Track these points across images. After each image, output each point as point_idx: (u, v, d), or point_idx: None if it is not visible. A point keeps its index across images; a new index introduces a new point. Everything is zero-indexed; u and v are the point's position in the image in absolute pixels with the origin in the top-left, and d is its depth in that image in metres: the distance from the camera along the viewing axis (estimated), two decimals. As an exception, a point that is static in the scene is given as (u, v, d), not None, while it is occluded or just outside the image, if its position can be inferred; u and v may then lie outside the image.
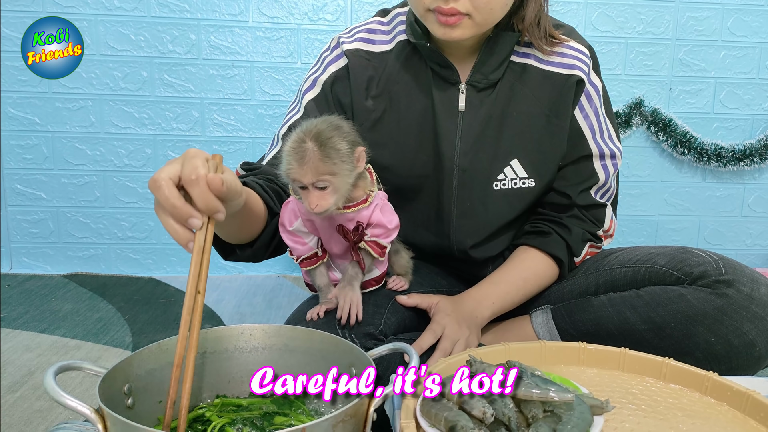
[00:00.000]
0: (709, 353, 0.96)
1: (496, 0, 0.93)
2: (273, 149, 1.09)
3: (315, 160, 0.81)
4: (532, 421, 0.65)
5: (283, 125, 1.10)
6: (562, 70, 1.05)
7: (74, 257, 1.86)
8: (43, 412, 1.07)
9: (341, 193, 0.84)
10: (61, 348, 1.34)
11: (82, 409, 0.60)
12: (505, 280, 1.09)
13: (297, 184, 0.83)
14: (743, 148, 1.90)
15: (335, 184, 0.83)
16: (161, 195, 0.63)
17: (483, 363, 0.72)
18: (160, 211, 0.65)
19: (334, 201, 0.83)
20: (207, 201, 0.64)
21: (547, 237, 1.10)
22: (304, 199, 0.83)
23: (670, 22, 1.84)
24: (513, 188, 1.08)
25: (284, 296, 1.72)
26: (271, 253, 1.01)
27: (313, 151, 0.81)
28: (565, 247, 1.10)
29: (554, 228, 1.10)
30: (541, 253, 1.10)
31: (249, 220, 0.89)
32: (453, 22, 0.94)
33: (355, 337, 0.92)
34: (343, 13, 1.78)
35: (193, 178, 0.63)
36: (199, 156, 0.65)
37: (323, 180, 0.81)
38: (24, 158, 1.79)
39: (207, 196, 0.64)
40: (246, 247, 0.96)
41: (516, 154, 1.07)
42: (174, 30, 1.75)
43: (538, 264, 1.11)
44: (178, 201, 0.63)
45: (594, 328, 1.05)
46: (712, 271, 0.97)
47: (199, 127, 1.80)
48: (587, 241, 1.12)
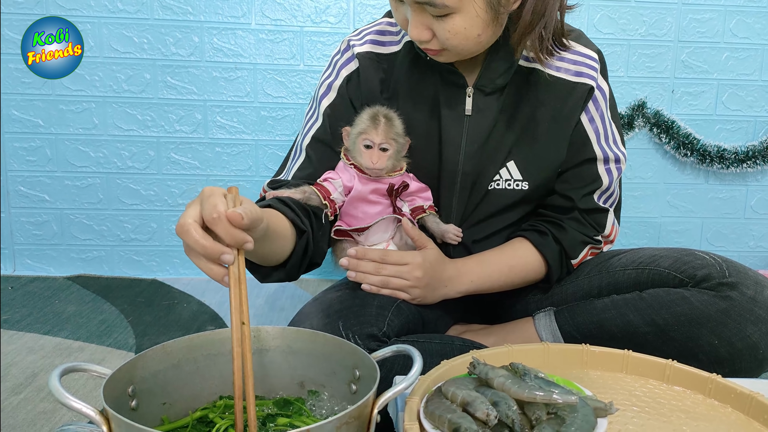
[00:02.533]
0: (713, 356, 0.96)
1: (464, 43, 0.93)
2: (297, 160, 1.10)
3: (386, 127, 1.01)
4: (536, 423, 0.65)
5: (304, 135, 1.11)
6: (571, 77, 1.05)
7: (77, 259, 1.86)
8: (47, 414, 1.07)
9: (393, 160, 1.03)
10: (64, 350, 1.34)
11: (86, 410, 0.60)
12: (493, 262, 1.10)
13: (366, 142, 1.01)
14: (746, 150, 1.89)
15: (392, 150, 1.02)
16: (191, 239, 0.64)
17: (486, 365, 0.72)
18: (191, 254, 0.66)
19: (389, 163, 1.02)
20: (233, 236, 0.65)
21: (544, 237, 1.10)
22: (366, 157, 1.01)
23: (672, 24, 1.84)
24: (506, 189, 1.09)
25: (287, 298, 1.72)
26: (305, 269, 1.02)
27: (384, 122, 1.01)
28: (559, 252, 1.10)
29: (551, 230, 1.11)
30: (534, 249, 1.11)
31: (276, 242, 0.90)
32: (433, 54, 0.98)
33: (358, 338, 0.93)
34: (345, 16, 1.78)
35: (215, 216, 0.65)
36: (215, 194, 0.67)
37: (388, 142, 1.01)
38: (27, 160, 1.79)
39: (231, 231, 0.65)
40: (279, 268, 0.97)
41: (513, 157, 1.07)
42: (177, 32, 1.75)
43: (529, 257, 1.11)
44: (208, 242, 0.65)
45: (597, 330, 1.05)
46: (716, 273, 0.97)
47: (202, 130, 1.81)
48: (586, 243, 1.12)
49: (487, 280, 1.09)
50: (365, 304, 0.99)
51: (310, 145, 1.10)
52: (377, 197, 1.05)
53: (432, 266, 1.05)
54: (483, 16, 0.91)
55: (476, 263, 1.10)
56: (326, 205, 1.03)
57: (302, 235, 0.96)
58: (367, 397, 0.65)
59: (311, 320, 0.97)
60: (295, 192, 1.02)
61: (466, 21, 0.90)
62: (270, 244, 0.88)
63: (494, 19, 0.93)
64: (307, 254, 0.99)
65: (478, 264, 1.10)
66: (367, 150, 1.01)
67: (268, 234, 0.83)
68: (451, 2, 0.88)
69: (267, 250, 0.88)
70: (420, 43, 0.95)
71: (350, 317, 0.96)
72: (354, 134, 1.03)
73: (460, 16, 0.90)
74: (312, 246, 0.99)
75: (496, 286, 1.11)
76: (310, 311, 1.01)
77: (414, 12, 0.91)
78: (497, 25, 0.95)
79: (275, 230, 0.88)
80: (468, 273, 1.08)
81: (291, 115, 1.82)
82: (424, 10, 0.90)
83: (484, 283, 1.09)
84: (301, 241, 0.96)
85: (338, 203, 1.05)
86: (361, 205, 1.05)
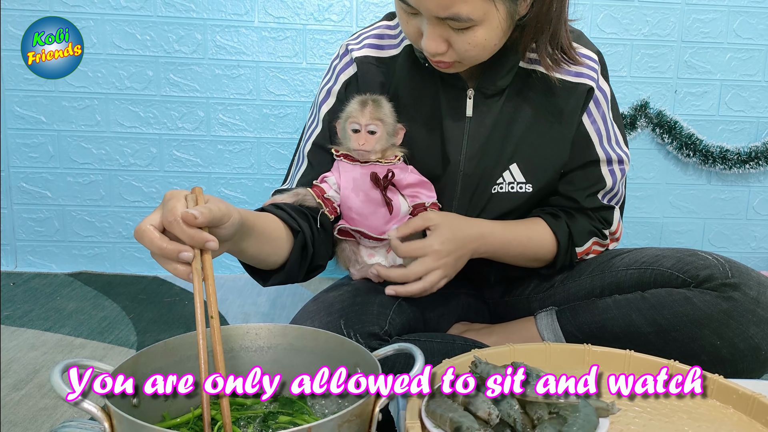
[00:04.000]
0: (715, 357, 0.96)
1: (482, 54, 0.93)
2: (300, 168, 1.10)
3: (372, 109, 1.00)
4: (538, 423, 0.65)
5: (305, 142, 1.11)
6: (571, 78, 1.05)
7: (79, 256, 1.86)
8: (48, 410, 1.07)
9: (382, 143, 1.02)
10: (66, 346, 1.34)
11: (88, 407, 0.60)
12: (515, 231, 1.09)
13: (354, 126, 1.01)
14: (748, 151, 1.89)
15: (380, 132, 1.01)
16: (146, 242, 0.67)
17: (488, 364, 0.72)
18: (154, 256, 0.68)
19: (377, 145, 1.01)
20: (190, 236, 0.66)
21: (557, 219, 1.11)
22: (354, 140, 1.01)
23: (675, 24, 1.84)
24: (510, 192, 1.08)
25: (288, 296, 1.72)
26: (308, 273, 1.02)
27: (371, 104, 1.01)
28: (568, 235, 1.10)
29: (563, 215, 1.11)
30: (548, 228, 1.10)
31: (268, 244, 0.90)
32: (443, 67, 0.97)
33: (360, 337, 0.93)
34: (348, 14, 1.78)
35: (170, 219, 0.66)
36: (176, 197, 0.69)
37: (374, 123, 1.00)
38: (30, 157, 1.79)
39: (188, 231, 0.66)
40: (279, 271, 0.96)
41: (516, 159, 1.07)
42: (180, 30, 1.75)
43: (544, 234, 1.10)
44: (164, 243, 0.66)
45: (599, 330, 1.05)
46: (719, 274, 0.97)
47: (205, 127, 1.81)
48: (592, 234, 1.12)
49: (507, 247, 1.08)
50: (367, 303, 0.99)
51: (311, 151, 1.10)
52: (370, 190, 1.03)
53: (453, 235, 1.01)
54: (503, 26, 0.90)
55: (500, 227, 1.08)
56: (321, 204, 1.03)
57: (297, 235, 0.96)
58: (369, 396, 0.65)
59: (313, 318, 0.97)
60: (288, 196, 1.02)
61: (487, 32, 0.89)
62: (261, 245, 0.88)
63: (510, 27, 0.92)
64: (306, 256, 0.98)
65: (502, 228, 1.08)
66: (355, 134, 1.01)
67: (256, 234, 0.84)
68: (477, 15, 0.86)
69: (257, 250, 0.88)
70: (433, 56, 0.93)
71: (352, 316, 0.96)
72: (342, 120, 1.03)
73: (482, 28, 0.89)
74: (311, 248, 0.98)
75: (512, 255, 1.09)
76: (312, 309, 1.01)
77: (432, 25, 0.90)
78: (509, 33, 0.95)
79: (264, 231, 0.88)
80: (492, 235, 1.06)
81: (293, 113, 1.82)
82: (444, 23, 0.89)
83: (503, 248, 1.08)
84: (297, 241, 0.96)
85: (335, 202, 1.05)
86: (356, 203, 1.04)
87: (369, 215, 1.04)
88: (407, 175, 1.05)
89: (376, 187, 1.03)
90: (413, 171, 1.06)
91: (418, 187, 1.07)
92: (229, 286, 1.78)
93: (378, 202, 1.04)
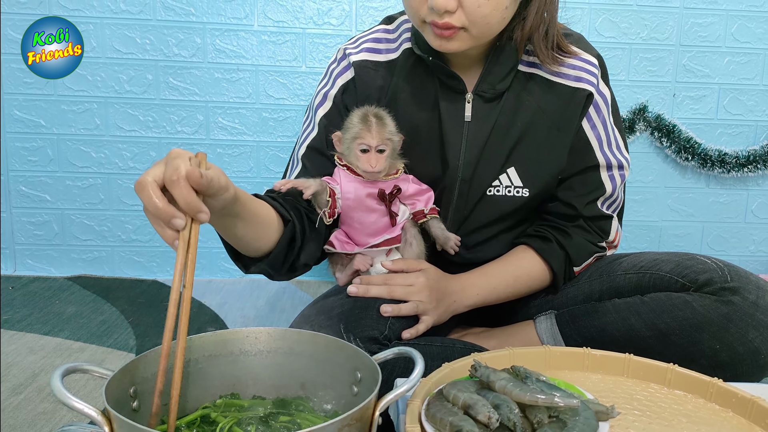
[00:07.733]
0: (714, 360, 0.96)
1: (493, 14, 0.91)
2: (294, 171, 1.10)
3: (379, 129, 0.99)
4: (537, 427, 0.65)
5: (300, 145, 1.11)
6: (570, 83, 1.05)
7: (78, 259, 1.86)
8: (47, 414, 1.07)
9: (389, 159, 1.02)
10: (65, 350, 1.34)
11: (88, 411, 0.60)
12: (496, 274, 1.09)
13: (363, 146, 0.99)
14: (747, 155, 1.89)
15: (388, 150, 1.00)
16: (146, 197, 0.65)
17: (488, 368, 0.72)
18: (146, 212, 0.67)
19: (387, 164, 1.01)
20: (187, 200, 0.65)
21: (548, 244, 1.10)
22: (364, 161, 1.00)
23: (674, 28, 1.84)
24: (506, 195, 1.08)
25: (288, 300, 1.72)
26: (292, 269, 1.01)
27: (376, 122, 0.99)
28: (564, 257, 1.10)
29: (556, 236, 1.10)
30: (537, 257, 1.10)
31: (256, 227, 0.89)
32: (448, 35, 0.93)
33: (359, 341, 0.93)
34: (348, 18, 1.78)
35: (174, 178, 0.65)
36: (181, 156, 0.67)
37: (384, 143, 0.99)
38: (29, 160, 1.79)
39: (188, 195, 0.65)
40: (262, 259, 0.95)
41: (513, 163, 1.07)
42: (179, 33, 1.75)
43: (533, 266, 1.10)
44: (161, 202, 0.65)
45: (598, 334, 1.05)
46: (718, 278, 0.97)
47: (204, 131, 1.81)
48: (592, 253, 1.12)
49: (492, 292, 1.09)
50: (366, 307, 0.99)
51: (305, 154, 1.10)
52: (373, 202, 1.04)
53: (437, 282, 1.04)
54: None
55: (480, 276, 1.09)
56: (328, 202, 1.02)
57: (287, 224, 0.95)
58: (369, 400, 0.65)
59: (312, 323, 0.97)
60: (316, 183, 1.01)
61: None
62: (248, 228, 0.87)
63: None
64: (293, 249, 0.97)
65: (482, 276, 1.09)
66: (363, 154, 1.00)
67: (245, 215, 0.83)
68: None
69: (244, 231, 0.87)
70: (441, 16, 0.90)
71: (352, 320, 0.96)
72: (348, 139, 1.01)
73: None
74: (299, 241, 0.97)
75: (502, 297, 1.11)
76: (312, 313, 1.01)
77: None
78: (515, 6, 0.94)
79: (255, 213, 0.87)
80: (473, 286, 1.08)
81: (292, 116, 1.82)
82: None
83: (490, 295, 1.09)
84: (287, 231, 0.95)
85: (338, 209, 1.04)
86: (358, 213, 1.04)
87: (370, 224, 1.04)
88: (409, 186, 1.06)
89: (382, 202, 1.04)
90: (414, 181, 1.07)
91: (418, 195, 1.08)
92: (228, 290, 1.78)
93: (380, 212, 1.04)
